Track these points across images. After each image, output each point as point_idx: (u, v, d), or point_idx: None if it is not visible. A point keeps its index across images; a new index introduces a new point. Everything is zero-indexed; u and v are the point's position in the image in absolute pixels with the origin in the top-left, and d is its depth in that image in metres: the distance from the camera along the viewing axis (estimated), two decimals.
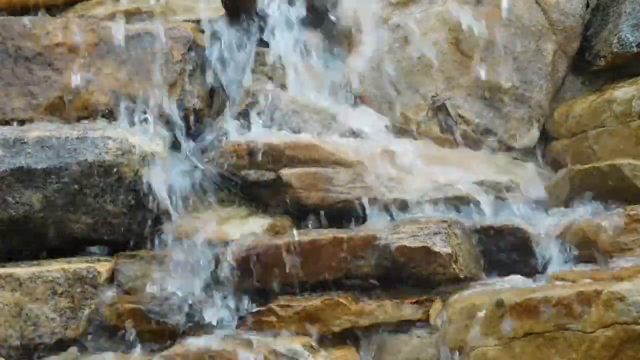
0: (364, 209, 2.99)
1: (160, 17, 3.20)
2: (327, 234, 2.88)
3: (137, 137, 2.95)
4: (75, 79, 3.07)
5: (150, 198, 2.92)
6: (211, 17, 3.22)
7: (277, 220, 3.02)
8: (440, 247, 2.79)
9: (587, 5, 3.37)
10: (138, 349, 2.80)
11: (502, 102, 3.30)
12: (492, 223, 2.94)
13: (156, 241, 2.94)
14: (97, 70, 3.09)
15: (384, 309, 2.80)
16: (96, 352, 2.81)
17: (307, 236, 2.88)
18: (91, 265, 2.82)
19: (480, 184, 3.08)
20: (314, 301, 2.80)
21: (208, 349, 2.70)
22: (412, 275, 2.81)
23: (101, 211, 2.88)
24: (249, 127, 3.15)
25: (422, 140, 3.26)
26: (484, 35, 3.27)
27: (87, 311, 2.79)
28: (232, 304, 2.85)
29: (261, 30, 3.29)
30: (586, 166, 3.01)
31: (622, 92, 3.10)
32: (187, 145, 3.11)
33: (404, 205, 3.01)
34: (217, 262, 2.87)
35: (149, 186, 2.91)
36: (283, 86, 3.25)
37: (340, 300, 2.79)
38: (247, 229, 2.98)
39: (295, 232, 2.96)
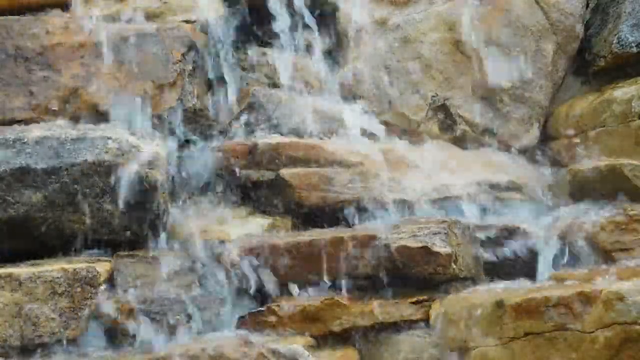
0: (364, 209, 2.99)
1: (160, 17, 3.20)
2: (327, 234, 2.88)
3: (137, 137, 2.95)
4: (75, 79, 3.07)
5: (150, 198, 2.92)
6: (211, 17, 3.22)
7: (277, 220, 3.02)
8: (440, 247, 2.78)
9: (587, 5, 3.37)
10: (138, 349, 2.80)
11: (502, 102, 3.30)
12: (492, 223, 2.94)
13: (156, 241, 2.94)
14: (96, 70, 3.09)
15: (384, 309, 2.79)
16: (96, 352, 2.80)
17: (307, 236, 2.88)
18: (91, 265, 2.82)
19: (480, 184, 3.08)
20: (314, 301, 2.80)
21: (208, 348, 2.70)
22: (412, 275, 2.81)
23: (101, 211, 2.88)
24: (249, 127, 3.16)
25: (422, 140, 3.27)
26: (484, 35, 3.28)
27: (87, 311, 2.79)
28: (232, 304, 2.85)
29: (262, 30, 3.30)
30: (586, 166, 3.01)
31: (622, 92, 3.10)
32: (186, 145, 3.11)
33: (404, 205, 3.01)
34: (217, 262, 2.87)
35: (149, 186, 2.91)
36: (283, 86, 3.26)
37: (340, 300, 2.79)
38: (247, 229, 2.98)
39: (295, 232, 2.97)
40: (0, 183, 2.83)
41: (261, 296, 2.86)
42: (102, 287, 2.81)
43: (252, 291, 2.86)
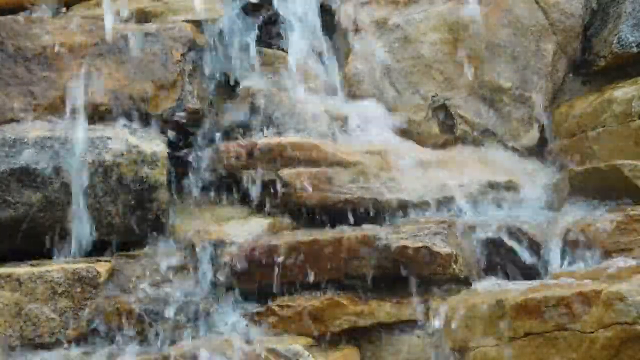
0: (364, 209, 2.99)
1: (160, 17, 3.20)
2: (327, 234, 2.88)
3: (137, 137, 2.95)
4: (75, 79, 3.07)
5: (150, 198, 2.91)
6: (211, 17, 3.21)
7: (277, 220, 3.02)
8: (440, 247, 2.78)
9: (587, 6, 3.37)
10: (137, 348, 2.80)
11: (502, 102, 3.30)
12: (492, 223, 2.94)
13: (156, 241, 2.94)
14: (96, 70, 3.09)
15: (384, 309, 2.80)
16: (96, 352, 2.80)
17: (307, 236, 2.88)
18: (91, 265, 2.82)
19: (480, 184, 3.08)
20: (314, 301, 2.80)
21: (208, 348, 2.70)
22: (412, 275, 2.81)
23: (101, 211, 2.88)
24: (249, 127, 3.16)
25: (423, 140, 3.27)
26: (484, 35, 3.27)
27: (87, 311, 2.79)
28: (232, 304, 2.85)
29: (262, 30, 3.30)
30: (586, 166, 3.01)
31: (622, 92, 3.10)
32: (186, 145, 3.11)
33: (403, 206, 3.01)
34: (217, 262, 2.87)
35: (149, 186, 2.91)
36: (283, 86, 3.25)
37: (340, 300, 2.79)
38: (247, 229, 2.98)
39: (295, 232, 2.97)
40: (0, 183, 2.83)
41: (261, 296, 2.86)
42: (102, 287, 2.81)
43: (252, 291, 2.86)
